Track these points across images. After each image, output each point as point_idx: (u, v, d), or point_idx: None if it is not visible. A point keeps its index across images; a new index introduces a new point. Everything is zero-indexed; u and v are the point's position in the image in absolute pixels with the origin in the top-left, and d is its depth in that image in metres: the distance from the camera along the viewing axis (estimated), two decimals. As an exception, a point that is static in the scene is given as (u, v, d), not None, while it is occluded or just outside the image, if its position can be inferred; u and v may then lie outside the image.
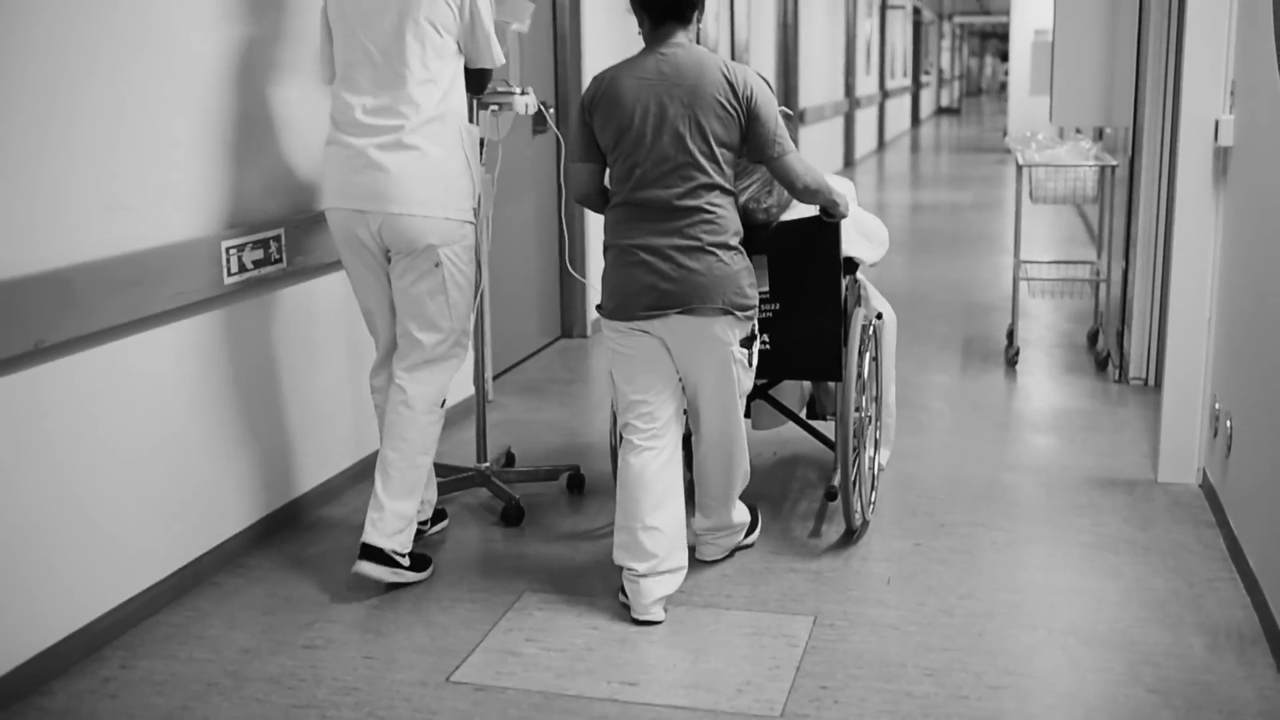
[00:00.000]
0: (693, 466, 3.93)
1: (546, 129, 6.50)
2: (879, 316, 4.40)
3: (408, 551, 3.86)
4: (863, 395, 4.18)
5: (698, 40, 3.75)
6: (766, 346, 3.94)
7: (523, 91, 4.30)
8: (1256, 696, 3.16)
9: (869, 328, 4.23)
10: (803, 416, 4.61)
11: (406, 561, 3.84)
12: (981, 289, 8.65)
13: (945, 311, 7.87)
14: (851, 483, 4.06)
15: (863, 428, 4.20)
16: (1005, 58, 29.51)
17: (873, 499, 4.37)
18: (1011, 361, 6.49)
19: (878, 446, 4.52)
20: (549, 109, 4.69)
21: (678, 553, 3.68)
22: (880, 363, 4.45)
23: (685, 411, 3.82)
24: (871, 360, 4.29)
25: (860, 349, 4.11)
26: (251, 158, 4.03)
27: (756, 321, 3.71)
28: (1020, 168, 6.50)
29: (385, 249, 3.82)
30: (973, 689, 3.21)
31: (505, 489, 4.46)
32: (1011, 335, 6.63)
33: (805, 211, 3.99)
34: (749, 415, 4.30)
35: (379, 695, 3.23)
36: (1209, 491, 4.44)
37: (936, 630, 3.53)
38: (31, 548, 3.24)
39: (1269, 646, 3.39)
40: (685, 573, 3.73)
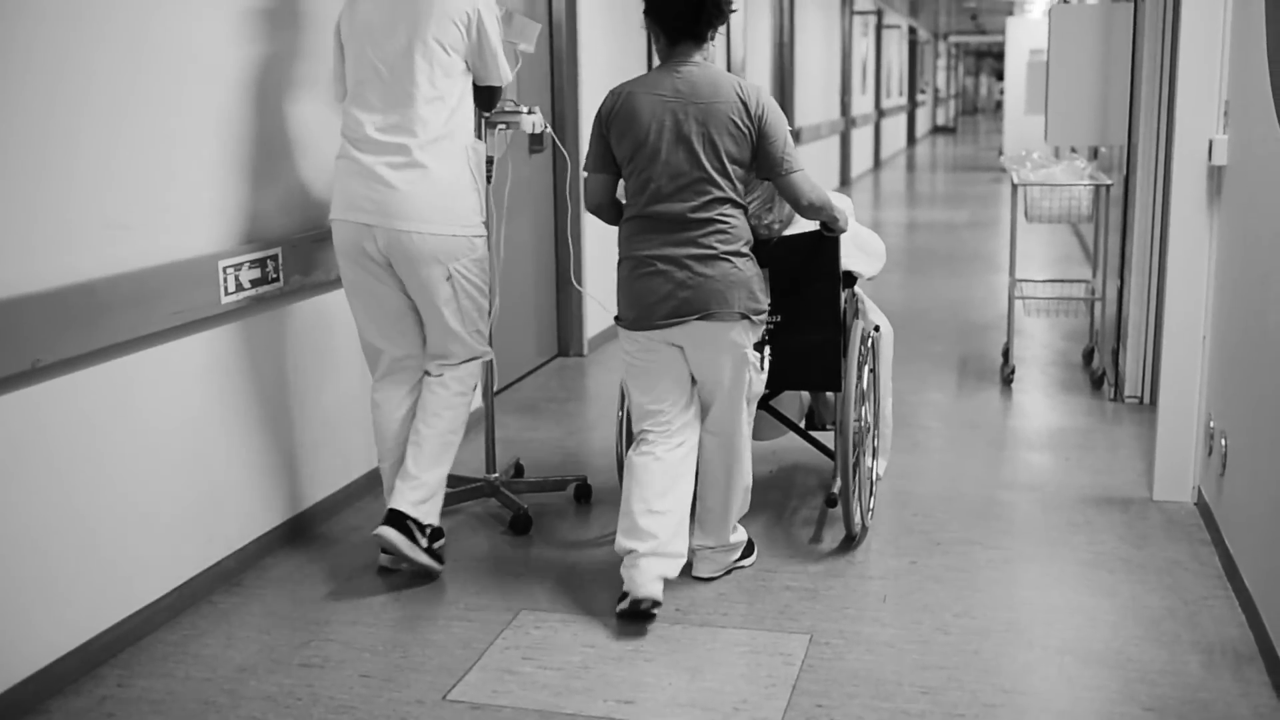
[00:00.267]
0: (696, 480, 3.97)
1: (543, 148, 6.52)
2: (876, 329, 4.49)
3: (431, 526, 3.99)
4: (862, 405, 4.26)
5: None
6: (769, 358, 4.00)
7: (530, 110, 4.40)
8: (1252, 714, 3.17)
9: (868, 340, 4.33)
10: (802, 427, 4.71)
11: (425, 543, 3.96)
12: (977, 308, 8.66)
13: (941, 330, 7.88)
14: (851, 490, 4.14)
15: (862, 437, 4.27)
16: (1001, 77, 29.58)
17: (871, 506, 4.43)
18: (1007, 380, 6.50)
19: (875, 455, 4.58)
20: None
21: (679, 540, 3.75)
22: (877, 374, 4.52)
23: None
24: (869, 371, 4.38)
25: (859, 360, 4.19)
26: (248, 178, 4.04)
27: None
28: (1015, 187, 6.52)
29: (390, 262, 3.89)
30: (969, 707, 3.21)
31: (514, 499, 4.54)
32: (1007, 354, 6.64)
33: (805, 227, 4.10)
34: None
35: (376, 714, 3.23)
36: (1204, 509, 4.44)
37: (932, 648, 3.53)
38: (28, 566, 3.24)
39: (1264, 664, 3.39)
40: (683, 563, 3.79)
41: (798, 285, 4.06)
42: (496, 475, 4.69)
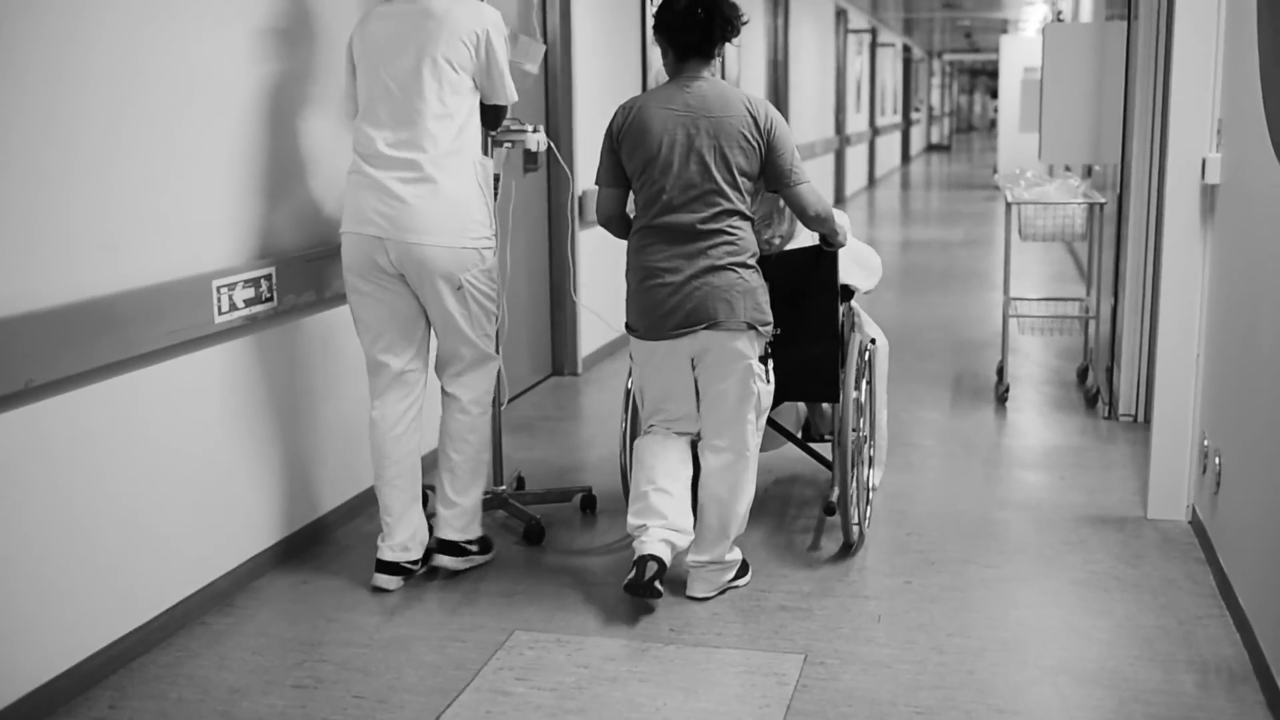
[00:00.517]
0: (695, 495, 4.02)
1: (537, 167, 6.52)
2: (873, 342, 4.59)
3: (477, 537, 4.25)
4: (859, 416, 4.35)
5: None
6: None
7: (534, 129, 4.52)
8: (1247, 734, 3.17)
9: (865, 352, 4.44)
10: (799, 438, 4.82)
11: (476, 547, 4.25)
12: (971, 326, 8.66)
13: (935, 348, 7.89)
14: (850, 498, 4.23)
15: (860, 446, 4.36)
16: (995, 94, 29.63)
17: (868, 514, 4.54)
18: (1001, 398, 6.50)
19: (872, 465, 4.69)
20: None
21: (685, 519, 3.93)
22: (874, 386, 4.62)
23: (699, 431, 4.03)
24: (866, 383, 4.47)
25: (857, 372, 4.29)
26: (242, 197, 4.05)
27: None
28: (1009, 205, 6.53)
29: (402, 274, 3.98)
30: (964, 727, 3.21)
31: (524, 510, 4.67)
32: (1001, 372, 6.64)
33: (805, 242, 4.21)
34: None
35: (369, 735, 3.22)
36: (1198, 528, 4.44)
37: (927, 668, 3.53)
38: (20, 587, 3.23)
39: (1259, 683, 3.39)
40: (689, 540, 3.94)
41: (797, 298, 4.14)
42: (504, 487, 4.78)
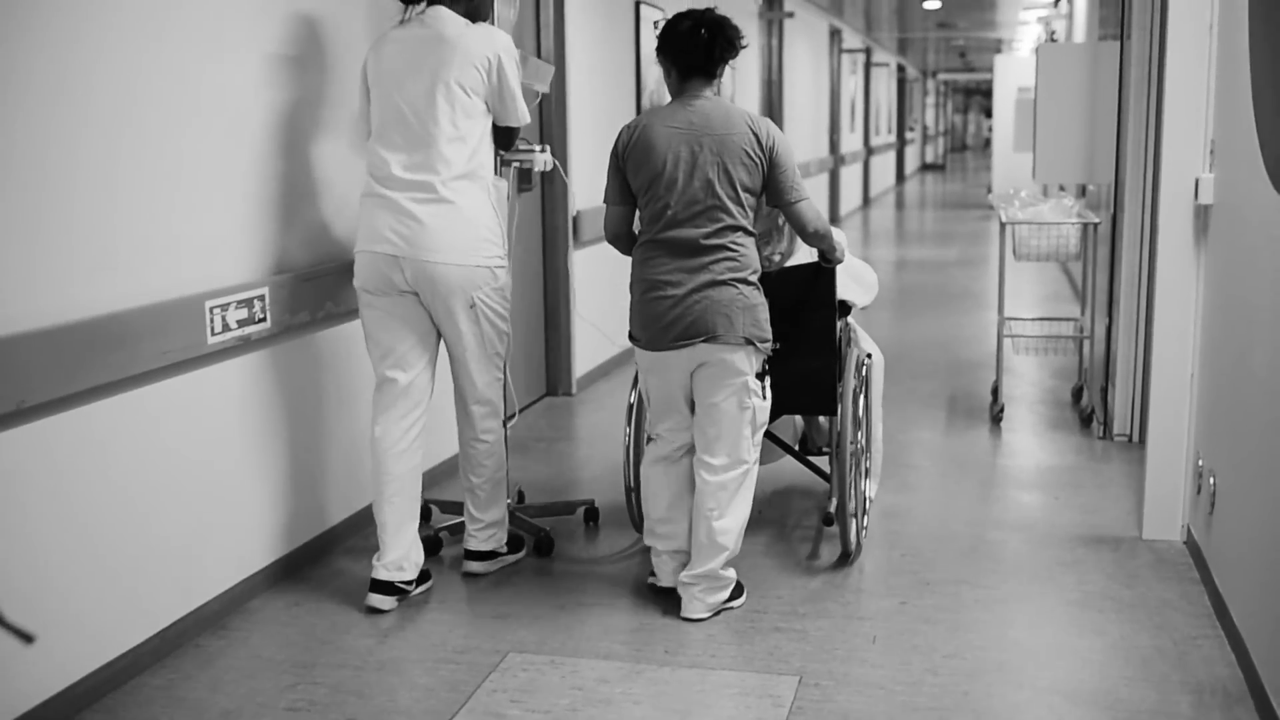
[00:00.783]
0: (692, 504, 4.05)
1: (532, 187, 6.53)
2: (869, 356, 4.68)
3: (505, 542, 4.46)
4: (857, 429, 4.43)
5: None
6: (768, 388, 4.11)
7: (542, 149, 4.60)
8: (1243, 756, 3.16)
9: (861, 367, 4.53)
10: (797, 451, 4.92)
11: (506, 549, 4.46)
12: (966, 346, 8.67)
13: (930, 368, 7.89)
14: (848, 509, 4.31)
15: (857, 459, 4.43)
16: (989, 114, 29.70)
17: (865, 524, 4.62)
18: (996, 418, 6.50)
19: (868, 477, 4.77)
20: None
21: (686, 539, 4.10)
22: (870, 400, 4.69)
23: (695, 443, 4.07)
24: (863, 397, 4.55)
25: (854, 386, 4.38)
26: (236, 218, 4.05)
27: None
28: (1004, 225, 6.54)
29: (416, 292, 4.06)
30: (959, 749, 3.20)
31: (532, 523, 4.74)
32: (996, 392, 6.64)
33: (804, 258, 4.30)
34: None
35: (361, 758, 3.21)
36: (1193, 548, 4.43)
37: (922, 689, 3.52)
38: (11, 610, 3.21)
39: (1254, 704, 3.38)
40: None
41: (797, 313, 4.21)
42: (509, 501, 4.75)
